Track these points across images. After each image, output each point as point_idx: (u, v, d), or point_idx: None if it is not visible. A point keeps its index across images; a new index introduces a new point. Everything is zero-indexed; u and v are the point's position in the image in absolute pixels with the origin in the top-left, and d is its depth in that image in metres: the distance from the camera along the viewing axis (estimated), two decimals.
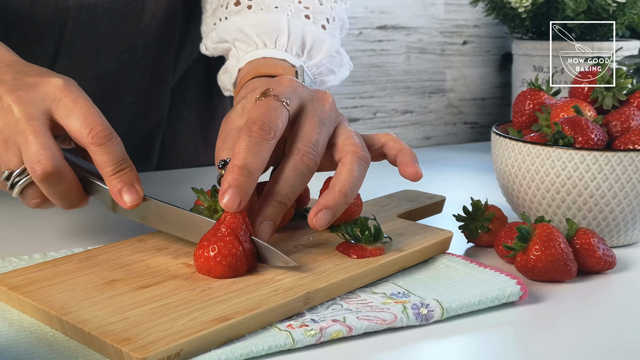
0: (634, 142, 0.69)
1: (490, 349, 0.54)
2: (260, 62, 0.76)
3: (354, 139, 0.64)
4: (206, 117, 1.06)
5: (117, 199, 0.61)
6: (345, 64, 0.83)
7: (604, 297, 0.62)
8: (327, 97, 0.65)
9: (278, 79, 0.65)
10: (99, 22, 0.86)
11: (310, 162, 0.61)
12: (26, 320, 0.55)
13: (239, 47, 0.79)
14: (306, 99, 0.64)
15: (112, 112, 0.95)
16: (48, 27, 0.83)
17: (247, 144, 0.59)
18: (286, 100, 0.62)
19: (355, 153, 0.63)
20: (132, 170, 0.62)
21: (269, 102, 0.61)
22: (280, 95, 0.62)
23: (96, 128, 0.61)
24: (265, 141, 0.59)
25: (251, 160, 0.59)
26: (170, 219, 0.63)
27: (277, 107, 0.61)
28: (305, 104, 0.64)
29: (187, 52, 1.00)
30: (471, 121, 1.46)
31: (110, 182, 0.61)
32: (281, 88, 0.63)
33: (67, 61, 0.87)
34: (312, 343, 0.52)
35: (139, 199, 0.61)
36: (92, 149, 0.61)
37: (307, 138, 0.62)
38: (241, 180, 0.58)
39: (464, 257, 0.65)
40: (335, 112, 0.65)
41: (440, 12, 1.40)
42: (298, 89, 0.64)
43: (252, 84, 0.73)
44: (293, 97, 0.63)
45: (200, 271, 0.58)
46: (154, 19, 0.90)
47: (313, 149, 0.62)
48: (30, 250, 0.68)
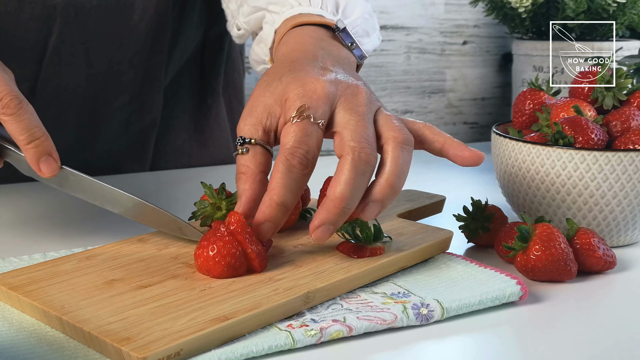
0: (634, 142, 0.69)
1: (490, 349, 0.54)
2: (297, 17, 0.74)
3: (393, 122, 0.61)
4: (200, 117, 1.06)
5: (35, 168, 0.61)
6: (377, 29, 0.81)
7: (604, 297, 0.62)
8: (359, 90, 0.63)
9: (314, 83, 0.62)
10: (88, 19, 0.85)
11: (369, 158, 0.59)
12: (26, 320, 0.55)
13: (273, 11, 0.77)
14: (339, 101, 0.62)
15: (105, 112, 0.96)
16: (36, 24, 0.83)
17: (286, 180, 0.58)
18: (321, 121, 0.60)
19: (396, 139, 0.60)
20: (46, 139, 0.61)
21: (306, 127, 0.60)
22: (316, 115, 0.60)
23: (5, 97, 0.60)
24: (303, 176, 0.59)
25: (289, 198, 0.59)
26: (87, 188, 0.63)
27: (314, 132, 0.60)
28: (338, 106, 0.62)
29: (179, 51, 1.00)
30: (471, 121, 1.46)
31: (26, 152, 0.60)
32: (316, 102, 0.61)
33: (55, 59, 0.87)
34: (312, 343, 0.52)
35: (57, 168, 0.61)
36: (3, 119, 0.60)
37: (358, 134, 0.59)
38: (278, 216, 0.59)
39: (464, 257, 0.65)
40: (370, 102, 0.63)
41: (440, 12, 1.40)
42: (331, 94, 0.61)
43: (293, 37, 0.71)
44: (326, 109, 0.61)
45: (200, 271, 0.58)
46: (144, 17, 0.90)
47: (367, 143, 0.59)
48: (30, 250, 0.68)
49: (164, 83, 1.00)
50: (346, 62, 0.68)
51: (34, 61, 0.86)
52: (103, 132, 0.97)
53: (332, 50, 0.68)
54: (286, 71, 0.64)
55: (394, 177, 0.59)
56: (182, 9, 0.97)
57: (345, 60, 0.69)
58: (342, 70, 0.65)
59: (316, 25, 0.72)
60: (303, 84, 0.62)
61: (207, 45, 1.04)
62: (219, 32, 1.04)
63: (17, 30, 0.83)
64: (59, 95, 0.90)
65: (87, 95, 0.92)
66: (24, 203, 0.84)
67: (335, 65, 0.66)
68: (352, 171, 0.58)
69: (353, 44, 0.71)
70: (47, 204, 0.83)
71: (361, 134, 0.59)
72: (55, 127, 0.92)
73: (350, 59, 0.70)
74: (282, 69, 0.65)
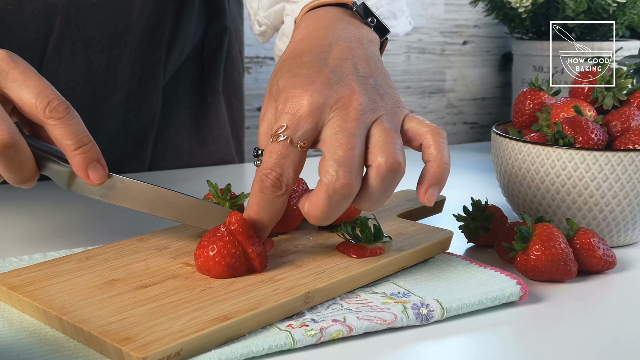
0: (634, 142, 0.69)
1: (490, 349, 0.54)
2: (315, 2, 0.70)
3: (385, 142, 0.58)
4: (199, 115, 1.06)
5: (82, 175, 0.59)
6: (405, 11, 0.78)
7: (604, 297, 0.62)
8: (352, 100, 0.59)
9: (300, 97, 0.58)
10: (88, 17, 0.86)
11: (344, 190, 0.56)
12: (26, 320, 0.55)
13: (292, 0, 0.75)
14: (328, 115, 0.58)
15: (103, 109, 0.95)
16: (36, 23, 0.83)
17: (259, 200, 0.58)
18: (301, 142, 0.57)
19: (380, 167, 0.57)
20: (94, 145, 0.59)
21: (282, 149, 0.57)
22: (295, 135, 0.57)
23: (54, 102, 0.58)
24: (276, 198, 0.58)
25: (264, 217, 0.59)
26: (137, 195, 0.61)
27: (290, 154, 0.57)
28: (328, 121, 0.58)
29: (178, 49, 1.00)
30: (471, 121, 1.46)
31: (73, 158, 0.58)
32: (297, 122, 0.58)
33: (55, 57, 0.87)
34: (312, 343, 0.52)
35: (105, 175, 0.60)
36: (51, 123, 0.58)
37: (339, 157, 0.57)
38: (259, 233, 0.59)
39: (464, 257, 0.65)
40: (364, 114, 0.58)
41: (440, 12, 1.40)
42: (317, 109, 0.58)
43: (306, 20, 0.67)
44: (309, 128, 0.58)
45: (200, 271, 0.58)
46: (142, 14, 0.90)
47: (347, 170, 0.56)
48: (30, 250, 0.68)
49: (163, 81, 1.00)
50: (365, 44, 0.64)
51: (34, 60, 0.86)
52: (101, 130, 0.97)
53: (348, 31, 0.64)
54: (285, 72, 0.61)
55: (366, 205, 0.58)
56: (180, 7, 0.97)
57: (364, 41, 0.64)
58: (350, 63, 0.61)
59: (333, 6, 0.68)
60: (290, 97, 0.59)
61: (206, 44, 1.04)
62: (218, 31, 1.04)
63: (17, 29, 0.83)
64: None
65: (85, 93, 0.92)
66: (24, 203, 0.84)
67: (344, 57, 0.62)
68: (325, 200, 0.57)
69: (373, 19, 0.67)
70: (48, 204, 0.83)
71: (342, 159, 0.56)
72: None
73: (370, 36, 0.66)
74: (283, 67, 0.62)
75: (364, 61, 0.62)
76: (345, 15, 0.67)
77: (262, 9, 0.79)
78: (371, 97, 0.60)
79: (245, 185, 0.95)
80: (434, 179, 0.59)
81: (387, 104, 0.60)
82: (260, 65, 1.35)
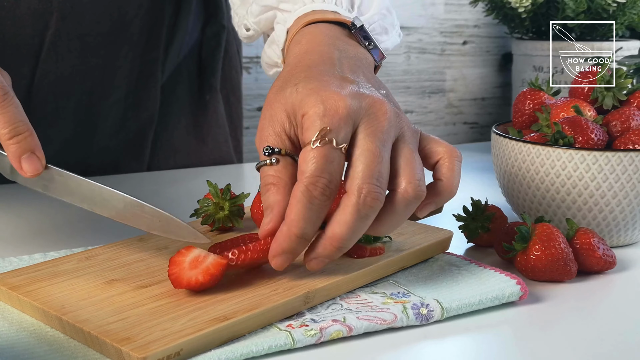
0: (634, 142, 0.69)
1: (490, 349, 0.54)
2: (310, 15, 0.69)
3: (409, 163, 0.56)
4: (198, 114, 1.06)
5: (16, 166, 0.57)
6: (396, 25, 0.76)
7: (604, 297, 0.62)
8: (383, 109, 0.57)
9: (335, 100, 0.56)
10: (84, 13, 0.86)
11: (374, 203, 0.54)
12: (26, 320, 0.55)
13: (284, 9, 0.73)
14: (361, 121, 0.56)
15: (101, 108, 0.96)
16: (32, 19, 0.83)
17: (307, 212, 0.54)
18: (343, 145, 0.55)
19: (406, 192, 0.56)
20: (31, 135, 0.57)
21: (328, 153, 0.54)
22: (338, 138, 0.55)
23: None
24: (325, 205, 0.54)
25: (309, 230, 0.54)
26: (75, 189, 0.58)
27: (336, 158, 0.55)
28: (360, 127, 0.56)
29: (176, 47, 1.00)
30: (471, 121, 1.46)
31: (7, 147, 0.56)
32: (338, 124, 0.55)
33: (52, 54, 0.87)
34: (312, 343, 0.52)
35: (41, 167, 0.57)
36: None
37: (370, 170, 0.54)
38: (297, 248, 0.55)
39: (464, 257, 0.65)
40: (391, 125, 0.57)
41: (440, 12, 1.40)
42: (353, 113, 0.56)
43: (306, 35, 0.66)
44: (348, 131, 0.55)
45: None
46: (139, 12, 0.90)
47: (376, 184, 0.54)
48: (30, 250, 0.68)
49: (161, 80, 1.00)
50: (365, 65, 0.64)
51: (30, 57, 0.86)
52: (99, 129, 0.97)
53: (349, 52, 0.64)
54: (302, 78, 0.59)
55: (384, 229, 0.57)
56: (178, 5, 0.97)
57: (364, 62, 0.64)
58: (363, 77, 0.60)
59: (330, 23, 0.67)
60: (323, 100, 0.56)
61: (204, 42, 1.04)
62: (216, 29, 1.04)
63: (13, 26, 0.83)
64: (55, 91, 0.90)
65: (82, 91, 0.92)
66: (24, 203, 0.84)
67: (356, 72, 0.61)
68: (354, 214, 0.54)
69: (371, 43, 0.66)
70: (48, 204, 0.83)
71: (373, 172, 0.54)
72: (53, 123, 0.93)
73: (368, 60, 0.66)
74: (297, 73, 0.60)
75: (373, 80, 0.62)
76: (344, 35, 0.66)
77: (251, 15, 0.77)
78: (394, 110, 0.58)
79: (244, 185, 0.95)
80: (436, 197, 0.58)
81: (405, 120, 0.59)
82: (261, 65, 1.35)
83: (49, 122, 0.92)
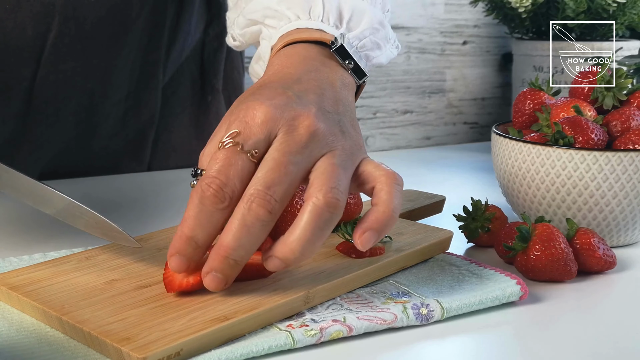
0: (634, 142, 0.69)
1: (490, 349, 0.54)
2: (294, 33, 0.67)
3: (327, 174, 0.53)
4: (199, 115, 1.06)
5: None
6: (391, 38, 0.73)
7: (604, 297, 0.62)
8: (306, 122, 0.54)
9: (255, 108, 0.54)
10: (86, 15, 0.86)
11: (259, 210, 0.51)
12: (26, 320, 0.55)
13: (269, 25, 0.71)
14: (278, 130, 0.54)
15: (102, 108, 0.95)
16: (34, 22, 0.83)
17: (198, 212, 0.52)
18: (252, 150, 0.53)
19: (317, 202, 0.52)
20: None
21: (230, 155, 0.53)
22: (247, 143, 0.53)
23: None
24: (217, 211, 0.52)
25: (200, 234, 0.52)
26: (19, 186, 0.58)
27: (239, 162, 0.52)
28: (276, 136, 0.54)
29: (178, 48, 1.00)
30: (471, 121, 1.46)
31: None
32: (250, 129, 0.53)
33: (53, 56, 0.87)
34: (312, 343, 0.52)
35: None
36: None
37: (262, 180, 0.52)
38: (189, 251, 0.52)
39: (464, 257, 0.65)
40: (318, 140, 0.54)
41: (440, 12, 1.40)
42: (271, 120, 0.54)
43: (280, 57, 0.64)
44: (261, 138, 0.53)
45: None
46: (141, 13, 0.90)
47: (267, 192, 0.51)
48: (30, 250, 0.68)
49: (162, 81, 1.00)
50: (331, 87, 0.60)
51: (32, 58, 0.86)
52: (100, 129, 0.97)
53: (321, 72, 0.61)
54: (247, 95, 0.57)
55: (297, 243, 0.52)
56: (180, 7, 0.97)
57: (333, 84, 0.61)
58: (314, 96, 0.58)
59: (312, 43, 0.65)
60: (246, 107, 0.55)
61: (206, 43, 1.05)
62: (218, 31, 1.04)
63: (15, 28, 0.83)
64: (56, 92, 0.90)
65: (84, 92, 0.92)
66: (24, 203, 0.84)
67: (307, 91, 0.58)
68: (239, 221, 0.51)
69: (351, 62, 0.63)
70: None
71: (269, 180, 0.52)
72: (53, 124, 0.93)
73: (345, 80, 0.62)
74: (249, 93, 0.58)
75: (332, 101, 0.58)
76: (322, 55, 0.63)
77: (237, 27, 0.76)
78: (330, 128, 0.55)
79: None
80: (375, 223, 0.53)
81: (345, 142, 0.56)
82: None
83: (49, 122, 0.92)
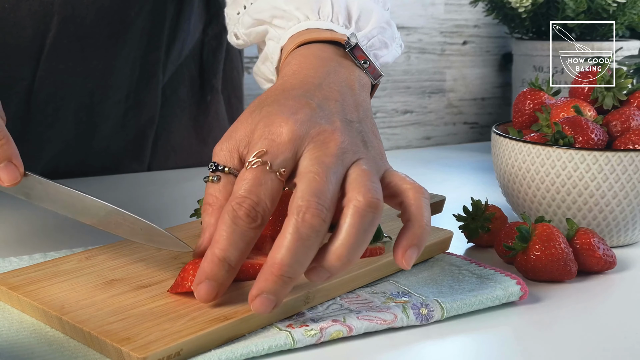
0: (634, 142, 0.69)
1: (490, 349, 0.54)
2: (305, 33, 0.66)
3: (363, 181, 0.53)
4: (199, 114, 1.06)
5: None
6: (396, 37, 0.73)
7: (604, 297, 0.62)
8: (333, 137, 0.54)
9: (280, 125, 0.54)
10: (85, 15, 0.86)
11: (313, 221, 0.50)
12: (26, 320, 0.55)
13: (277, 26, 0.70)
14: (306, 147, 0.54)
15: (102, 108, 0.96)
16: (33, 21, 0.83)
17: (231, 233, 0.51)
18: (281, 170, 0.53)
19: (358, 203, 0.51)
20: (7, 142, 0.55)
21: (260, 175, 0.52)
22: (275, 162, 0.53)
23: None
24: (250, 230, 0.51)
25: (233, 254, 0.51)
26: (55, 197, 0.57)
27: (269, 181, 0.52)
28: (305, 153, 0.54)
29: (177, 48, 1.00)
30: (471, 121, 1.46)
31: None
32: (277, 148, 0.53)
33: (52, 56, 0.87)
34: (312, 343, 0.52)
35: (19, 176, 0.55)
36: None
37: (311, 189, 0.51)
38: (221, 274, 0.52)
39: (464, 257, 0.65)
40: (344, 153, 0.54)
41: (440, 12, 1.40)
42: (297, 138, 0.54)
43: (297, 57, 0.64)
44: (289, 156, 0.53)
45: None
46: (141, 12, 0.90)
47: (317, 203, 0.51)
48: (30, 250, 0.68)
49: (162, 80, 1.00)
50: (350, 90, 0.61)
51: (31, 58, 0.86)
52: (100, 130, 0.97)
53: (339, 74, 0.61)
54: (270, 101, 0.57)
55: (343, 248, 0.51)
56: (179, 6, 0.97)
57: (352, 86, 0.61)
58: (336, 105, 0.58)
59: (325, 43, 0.65)
60: (270, 123, 0.55)
61: (206, 43, 1.05)
62: (217, 30, 1.04)
63: (14, 27, 0.83)
64: (56, 92, 0.90)
65: (83, 92, 0.92)
66: (24, 203, 0.84)
67: (328, 98, 0.58)
68: (293, 235, 0.50)
69: (366, 62, 0.64)
70: None
71: (315, 190, 0.51)
72: (53, 124, 0.93)
73: (362, 80, 0.63)
74: (271, 96, 0.58)
75: (353, 107, 0.59)
76: (338, 55, 0.64)
77: (242, 26, 0.76)
78: (354, 140, 0.56)
79: None
80: (414, 240, 0.53)
81: (369, 151, 0.56)
82: None
83: (49, 122, 0.92)
